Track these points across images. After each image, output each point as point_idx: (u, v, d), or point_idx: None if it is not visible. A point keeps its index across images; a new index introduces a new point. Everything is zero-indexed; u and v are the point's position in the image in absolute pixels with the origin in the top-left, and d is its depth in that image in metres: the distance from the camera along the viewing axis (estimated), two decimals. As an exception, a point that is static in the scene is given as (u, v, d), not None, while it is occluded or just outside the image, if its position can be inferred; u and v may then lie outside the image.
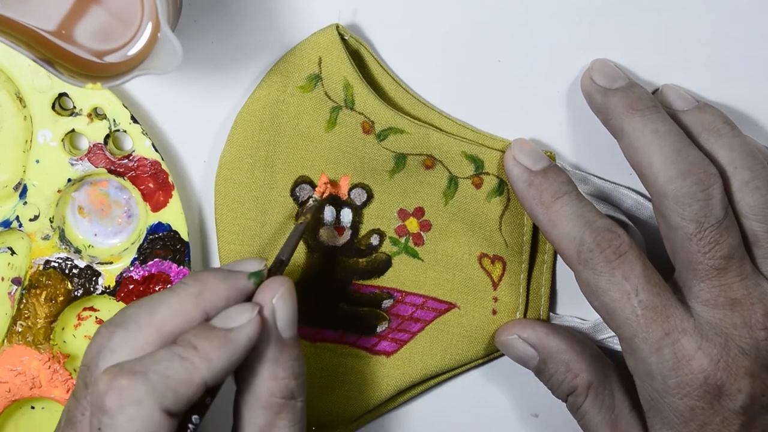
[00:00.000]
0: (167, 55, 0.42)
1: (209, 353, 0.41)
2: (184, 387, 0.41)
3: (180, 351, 0.41)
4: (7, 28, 0.43)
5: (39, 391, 0.53)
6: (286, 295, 0.45)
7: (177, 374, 0.41)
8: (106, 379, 0.40)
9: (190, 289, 0.44)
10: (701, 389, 0.46)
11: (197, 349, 0.41)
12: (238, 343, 0.42)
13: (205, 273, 0.45)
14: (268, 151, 0.52)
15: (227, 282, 0.44)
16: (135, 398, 0.40)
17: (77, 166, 0.52)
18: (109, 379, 0.40)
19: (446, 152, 0.52)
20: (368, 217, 0.53)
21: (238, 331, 0.43)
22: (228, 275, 0.45)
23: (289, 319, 0.45)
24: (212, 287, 0.44)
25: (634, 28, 0.52)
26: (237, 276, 0.45)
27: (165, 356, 0.41)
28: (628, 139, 0.48)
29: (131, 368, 0.41)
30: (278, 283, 0.45)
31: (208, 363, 0.41)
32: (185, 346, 0.42)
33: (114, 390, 0.40)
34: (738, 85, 0.53)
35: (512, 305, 0.54)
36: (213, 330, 0.42)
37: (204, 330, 0.42)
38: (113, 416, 0.40)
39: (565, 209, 0.49)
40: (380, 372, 0.54)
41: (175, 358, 0.41)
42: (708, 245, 0.46)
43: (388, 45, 0.52)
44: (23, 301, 0.53)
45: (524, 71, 0.52)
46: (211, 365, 0.41)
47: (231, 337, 0.42)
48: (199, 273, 0.45)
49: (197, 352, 0.41)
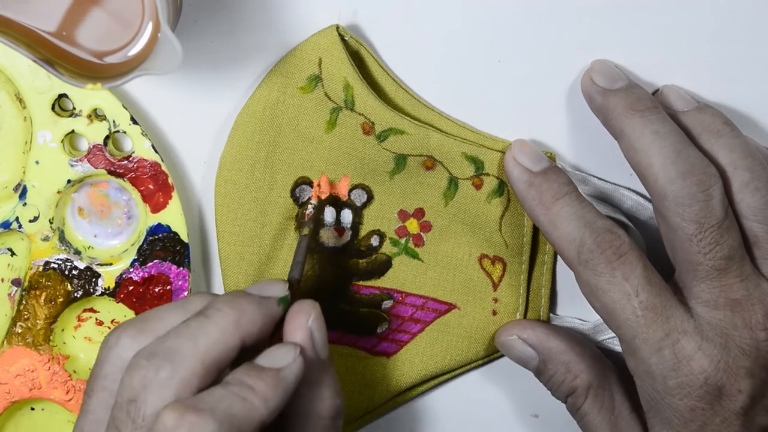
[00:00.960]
0: (167, 55, 0.42)
1: (265, 393, 0.42)
2: (246, 425, 0.41)
3: (237, 390, 0.42)
4: (7, 28, 0.43)
5: (39, 392, 0.53)
6: (318, 318, 0.46)
7: (239, 413, 0.41)
8: (173, 415, 0.40)
9: (229, 317, 0.44)
10: (701, 390, 0.46)
11: (253, 388, 0.42)
12: (288, 381, 0.43)
13: (239, 299, 0.45)
14: (268, 152, 0.52)
15: (261, 309, 0.45)
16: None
17: (77, 167, 0.52)
18: (178, 416, 0.40)
19: (446, 153, 0.52)
20: (368, 218, 0.53)
21: (287, 369, 0.43)
22: (261, 302, 0.45)
23: (324, 340, 0.46)
24: (248, 315, 0.44)
25: (634, 28, 0.52)
26: (269, 302, 0.45)
27: (225, 395, 0.41)
28: (628, 139, 0.48)
29: (197, 405, 0.41)
30: (309, 306, 0.46)
31: (265, 402, 0.42)
32: (240, 386, 0.42)
33: (184, 427, 0.40)
34: (738, 85, 0.53)
35: (512, 306, 0.54)
36: (264, 370, 0.43)
37: (255, 370, 0.43)
38: None
39: (566, 210, 0.49)
40: (380, 373, 0.54)
41: (235, 398, 0.41)
42: (708, 246, 0.46)
43: (388, 45, 0.52)
44: (23, 303, 0.53)
45: (524, 71, 0.52)
46: (268, 404, 0.42)
47: (282, 376, 0.43)
48: (233, 299, 0.45)
49: (254, 391, 0.42)
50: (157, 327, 0.44)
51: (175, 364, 0.42)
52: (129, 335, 0.44)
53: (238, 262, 0.53)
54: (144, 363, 0.42)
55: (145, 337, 0.44)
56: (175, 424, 0.40)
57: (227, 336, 0.43)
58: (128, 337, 0.44)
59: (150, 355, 0.42)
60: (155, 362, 0.42)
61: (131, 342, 0.44)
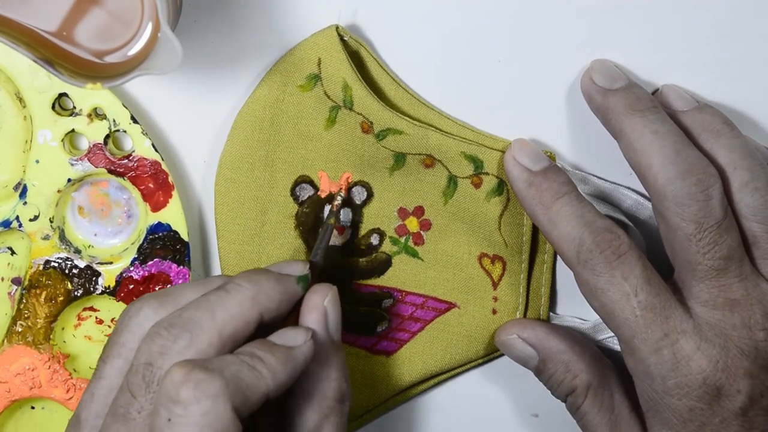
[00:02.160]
0: (167, 55, 0.42)
1: (274, 366, 0.43)
2: (252, 392, 0.42)
3: (247, 359, 0.42)
4: (7, 28, 0.43)
5: (39, 391, 0.53)
6: (334, 299, 0.47)
7: (247, 378, 0.42)
8: (181, 371, 0.41)
9: (247, 291, 0.44)
10: (700, 390, 0.46)
11: (263, 360, 0.42)
12: (298, 360, 0.44)
13: (258, 275, 0.45)
14: (268, 151, 0.52)
15: (280, 285, 0.45)
16: (211, 392, 0.40)
17: (77, 166, 0.52)
18: (185, 371, 0.41)
19: (445, 152, 0.52)
20: (368, 216, 0.53)
21: (298, 349, 0.44)
22: (280, 278, 0.46)
23: (338, 321, 0.47)
24: (267, 290, 0.45)
25: (634, 28, 0.52)
26: (288, 279, 0.46)
27: (234, 361, 0.42)
28: (627, 139, 0.48)
29: (206, 365, 0.41)
30: (326, 287, 0.47)
31: (273, 374, 0.42)
32: (251, 356, 0.42)
33: (191, 382, 0.40)
34: (738, 85, 0.53)
35: (512, 305, 0.54)
36: (275, 345, 0.44)
37: (267, 344, 0.43)
38: (187, 407, 0.40)
39: (565, 209, 0.49)
40: (380, 371, 0.54)
41: (244, 365, 0.42)
42: (707, 246, 0.46)
43: (388, 45, 0.52)
44: (23, 301, 0.53)
45: (524, 71, 0.52)
46: (276, 377, 0.42)
47: (292, 354, 0.43)
48: (253, 274, 0.45)
49: (263, 363, 0.42)
50: (179, 301, 0.45)
51: (193, 334, 0.43)
52: (150, 307, 0.45)
53: (238, 260, 0.53)
54: (163, 332, 0.43)
55: (166, 310, 0.45)
56: (182, 379, 0.41)
57: (245, 310, 0.44)
58: (150, 308, 0.45)
59: (169, 325, 0.43)
60: (174, 332, 0.43)
61: (152, 313, 0.45)
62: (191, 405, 0.40)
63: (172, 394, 0.41)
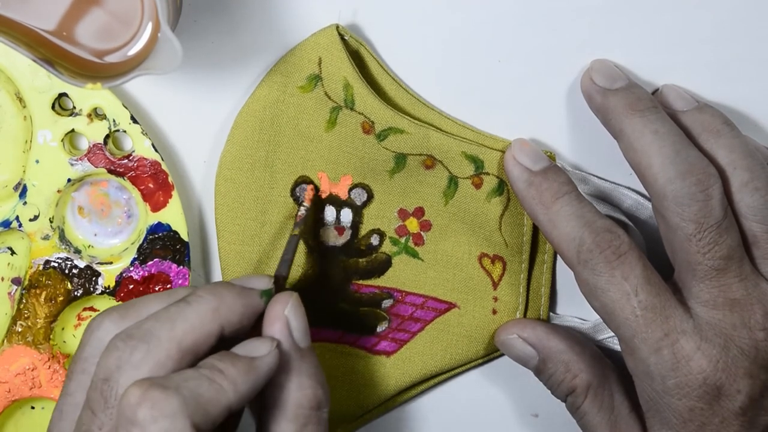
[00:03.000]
0: (167, 55, 0.42)
1: (235, 377, 0.42)
2: (212, 406, 0.41)
3: (207, 373, 0.42)
4: (7, 28, 0.43)
5: (39, 391, 0.53)
6: (295, 306, 0.46)
7: (206, 393, 0.41)
8: (137, 391, 0.40)
9: (208, 303, 0.44)
10: (700, 390, 0.46)
11: (224, 372, 0.42)
12: (260, 370, 0.43)
13: (220, 287, 0.45)
14: (268, 151, 0.52)
15: (242, 299, 0.45)
16: (168, 411, 0.40)
17: (77, 166, 0.52)
18: (142, 391, 0.40)
19: (446, 152, 0.52)
20: (368, 217, 0.53)
21: (261, 360, 0.43)
22: (242, 292, 0.45)
23: (303, 328, 0.46)
24: (229, 303, 0.44)
25: (634, 28, 0.52)
26: (250, 293, 0.45)
27: (193, 375, 0.41)
28: (627, 139, 0.48)
29: (163, 383, 0.41)
30: (286, 296, 0.46)
31: (234, 386, 0.42)
32: (211, 369, 0.42)
33: (147, 402, 0.40)
34: (738, 85, 0.53)
35: (512, 305, 0.54)
36: (237, 357, 0.43)
37: (228, 356, 0.43)
38: (145, 428, 0.40)
39: (565, 209, 0.49)
40: (380, 372, 0.54)
41: (203, 379, 0.41)
42: (707, 246, 0.46)
43: (388, 45, 0.52)
44: (23, 301, 0.53)
45: (524, 71, 0.52)
46: (237, 389, 0.42)
47: (255, 365, 0.43)
48: (215, 287, 0.45)
49: (224, 375, 0.42)
50: (140, 313, 0.45)
51: (150, 345, 0.42)
52: (111, 320, 0.45)
53: (237, 261, 0.53)
54: (120, 344, 0.42)
55: (127, 323, 0.44)
56: (138, 400, 0.40)
57: (205, 322, 0.43)
58: (110, 321, 0.45)
59: (127, 337, 0.43)
60: (131, 344, 0.42)
61: (112, 326, 0.44)
62: (149, 425, 0.40)
63: (130, 415, 0.40)
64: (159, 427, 0.40)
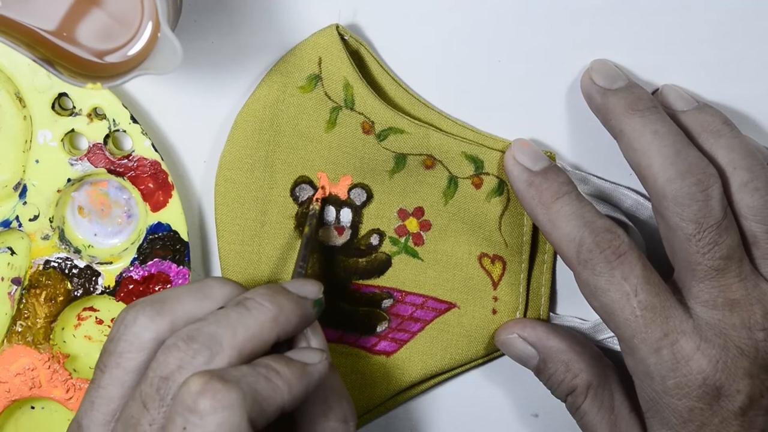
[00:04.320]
0: (167, 55, 0.42)
1: (290, 379, 0.43)
2: (268, 404, 0.42)
3: (264, 371, 0.42)
4: (7, 28, 0.43)
5: (39, 391, 0.53)
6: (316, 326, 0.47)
7: (263, 390, 0.42)
8: (200, 381, 0.41)
9: (269, 312, 0.44)
10: (700, 390, 0.46)
11: (279, 373, 0.43)
12: (312, 377, 0.44)
13: (279, 295, 0.45)
14: (268, 151, 0.52)
15: (299, 309, 0.45)
16: (228, 403, 0.40)
17: (77, 166, 0.52)
18: (204, 381, 0.41)
19: (446, 152, 0.52)
20: (368, 217, 0.53)
21: (314, 366, 0.44)
22: (299, 302, 0.46)
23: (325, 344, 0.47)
24: (287, 313, 0.45)
25: (634, 28, 0.52)
26: (305, 303, 0.46)
27: (251, 372, 0.42)
28: (627, 139, 0.48)
29: (224, 375, 0.41)
30: None
31: (289, 387, 0.42)
32: (267, 368, 0.43)
33: (209, 392, 0.40)
34: (738, 85, 0.53)
35: (512, 305, 0.54)
36: (291, 360, 0.44)
37: (283, 359, 0.44)
38: (203, 417, 0.40)
39: (565, 209, 0.49)
40: (380, 372, 0.54)
41: (260, 377, 0.42)
42: (707, 246, 0.46)
43: (388, 45, 0.52)
44: (23, 301, 0.53)
45: (524, 71, 0.52)
46: (292, 390, 0.43)
47: (308, 370, 0.44)
48: (274, 294, 0.45)
49: (279, 375, 0.42)
50: (175, 309, 0.45)
51: (213, 351, 0.43)
52: (147, 315, 0.45)
53: (237, 260, 0.53)
54: (182, 345, 0.43)
55: (163, 319, 0.44)
56: (200, 389, 0.41)
57: (265, 331, 0.44)
58: (146, 317, 0.44)
59: (189, 338, 0.43)
60: (194, 347, 0.43)
61: (149, 323, 0.44)
62: (208, 415, 0.40)
63: (190, 404, 0.40)
64: (217, 418, 0.40)
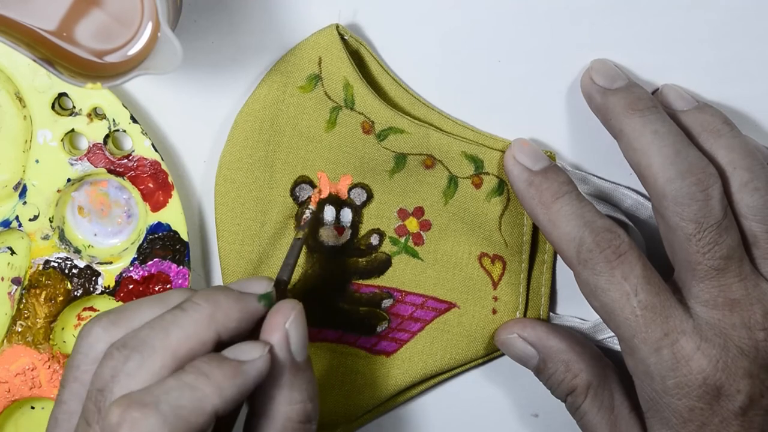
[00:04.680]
0: (167, 55, 0.42)
1: (220, 381, 0.41)
2: (195, 416, 0.40)
3: (190, 379, 0.41)
4: (7, 28, 0.43)
5: (39, 391, 0.53)
6: (297, 319, 0.44)
7: (188, 403, 0.40)
8: (117, 411, 0.40)
9: (204, 310, 0.43)
10: (700, 390, 0.46)
11: (208, 376, 0.41)
12: (248, 375, 0.42)
13: (216, 293, 0.44)
14: (268, 151, 0.52)
15: (239, 304, 0.44)
16: (147, 430, 0.39)
17: (77, 165, 0.52)
18: (121, 411, 0.40)
19: (446, 152, 0.52)
20: (368, 217, 0.53)
21: (250, 364, 0.42)
22: (239, 297, 0.44)
23: (302, 342, 0.45)
24: (225, 309, 0.43)
25: (634, 28, 0.52)
26: (248, 298, 0.45)
27: (175, 385, 0.41)
28: (627, 139, 0.48)
29: (141, 400, 0.40)
30: (289, 307, 0.45)
31: (219, 391, 0.41)
32: (196, 373, 0.41)
33: (127, 423, 0.40)
34: (738, 85, 0.53)
35: (512, 305, 0.54)
36: (225, 360, 0.42)
37: (215, 359, 0.42)
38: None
39: (565, 209, 0.49)
40: (380, 372, 0.54)
41: (185, 388, 0.41)
42: (707, 246, 0.46)
43: (388, 45, 0.52)
44: (23, 301, 0.53)
45: (524, 71, 0.52)
46: (222, 393, 0.41)
47: (242, 369, 0.42)
48: (210, 293, 0.44)
49: (208, 379, 0.41)
50: (132, 319, 0.44)
51: (144, 355, 0.42)
52: (102, 326, 0.44)
53: (237, 261, 0.53)
54: (115, 354, 0.42)
55: (118, 329, 0.44)
56: (118, 419, 0.40)
57: (201, 329, 0.43)
58: (101, 327, 0.44)
59: (122, 346, 0.42)
60: (125, 353, 0.42)
61: (103, 333, 0.44)
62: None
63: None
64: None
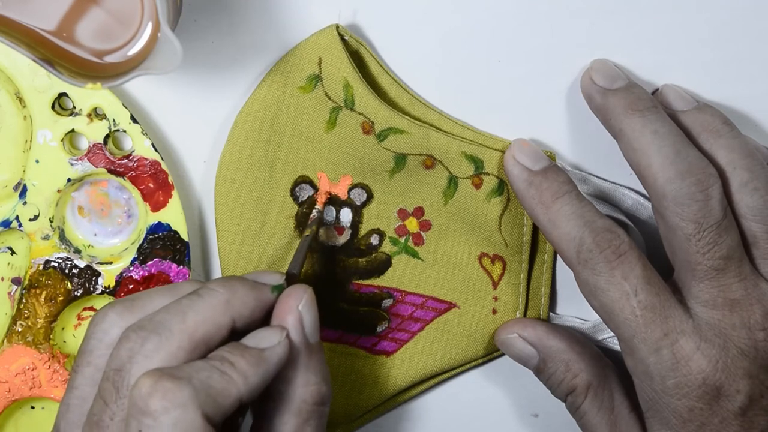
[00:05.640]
0: (167, 55, 0.42)
1: (245, 369, 0.42)
2: (223, 398, 0.41)
3: (218, 364, 0.42)
4: (7, 28, 0.43)
5: (39, 390, 0.53)
6: (309, 302, 0.46)
7: (217, 384, 0.41)
8: (149, 381, 0.40)
9: (220, 296, 0.44)
10: (700, 390, 0.46)
11: (234, 364, 0.42)
12: (270, 362, 0.43)
13: (232, 280, 0.45)
14: (268, 151, 0.52)
15: (254, 292, 0.45)
16: (180, 401, 0.40)
17: (77, 166, 0.52)
18: (153, 381, 0.40)
19: (446, 152, 0.52)
20: (368, 217, 0.53)
21: (271, 351, 0.43)
22: (255, 286, 0.45)
23: (315, 324, 0.46)
24: (241, 296, 0.44)
25: (634, 28, 0.52)
26: (262, 287, 0.46)
27: (204, 367, 0.42)
28: (627, 139, 0.48)
29: (174, 373, 0.41)
30: (301, 290, 0.46)
31: (244, 378, 0.42)
32: (222, 360, 0.42)
33: (159, 392, 0.40)
34: (738, 85, 0.53)
35: (512, 305, 0.54)
36: (247, 348, 0.43)
37: (238, 348, 0.43)
38: (156, 418, 0.40)
39: (565, 209, 0.49)
40: (380, 372, 0.54)
41: (214, 370, 0.42)
42: (707, 246, 0.46)
43: (388, 45, 0.52)
44: (23, 301, 0.53)
45: (524, 71, 0.52)
46: (248, 381, 0.42)
47: (264, 356, 0.43)
48: (227, 280, 0.45)
49: (234, 367, 0.42)
50: (145, 306, 0.45)
51: (162, 337, 0.42)
52: (116, 312, 0.45)
53: (237, 260, 0.53)
54: (132, 335, 0.43)
55: (132, 315, 0.45)
56: (149, 390, 0.40)
57: (217, 314, 0.44)
58: (115, 313, 0.45)
59: (139, 328, 0.43)
60: (142, 334, 0.43)
61: (117, 318, 0.45)
62: (161, 415, 0.40)
63: (141, 405, 0.40)
64: (170, 417, 0.40)
